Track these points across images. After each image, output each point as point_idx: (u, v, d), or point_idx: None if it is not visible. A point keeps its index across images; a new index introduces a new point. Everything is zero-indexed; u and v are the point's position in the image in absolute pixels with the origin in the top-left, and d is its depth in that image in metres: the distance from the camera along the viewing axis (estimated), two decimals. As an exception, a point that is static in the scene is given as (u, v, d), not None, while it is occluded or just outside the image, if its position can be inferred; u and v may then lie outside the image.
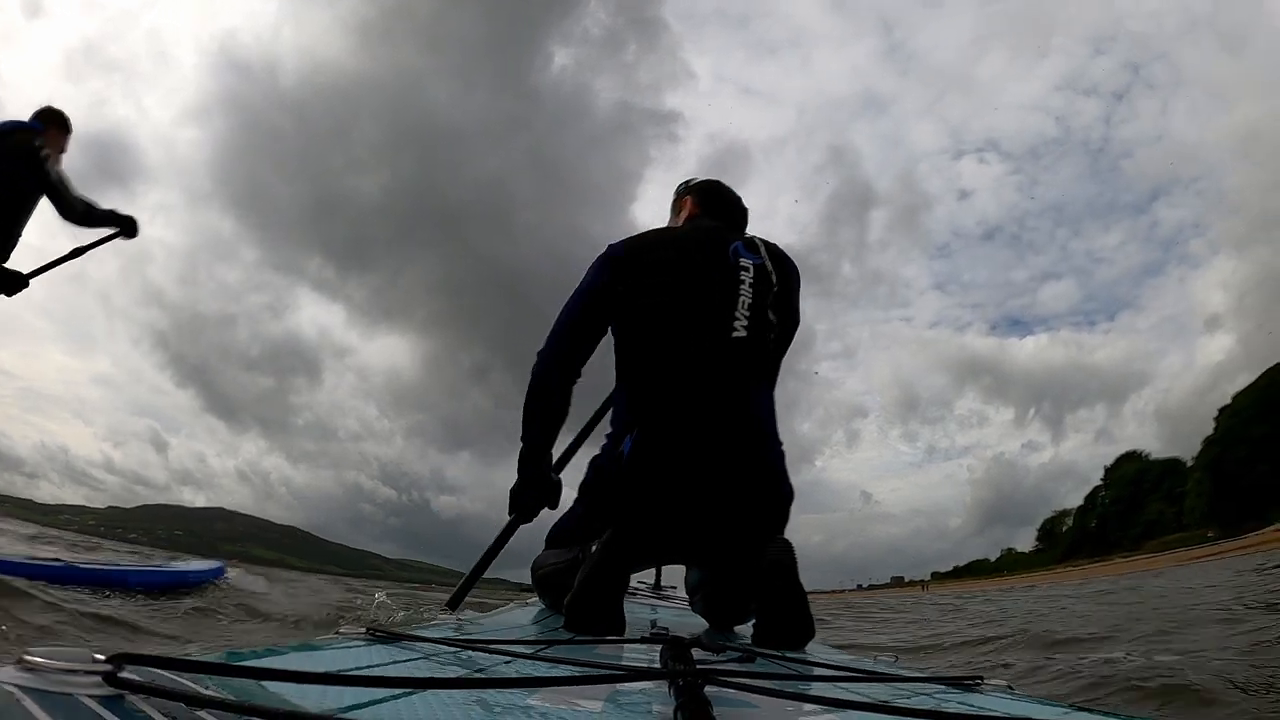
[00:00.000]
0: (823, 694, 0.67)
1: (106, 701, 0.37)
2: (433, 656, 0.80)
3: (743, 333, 1.40)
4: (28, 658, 0.38)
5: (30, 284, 3.35)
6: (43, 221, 3.37)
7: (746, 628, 1.43)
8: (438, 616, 1.39)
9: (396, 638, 0.86)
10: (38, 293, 3.43)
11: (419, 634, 0.89)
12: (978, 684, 0.88)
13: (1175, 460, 54.53)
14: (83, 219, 3.40)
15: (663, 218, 1.82)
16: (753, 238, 1.56)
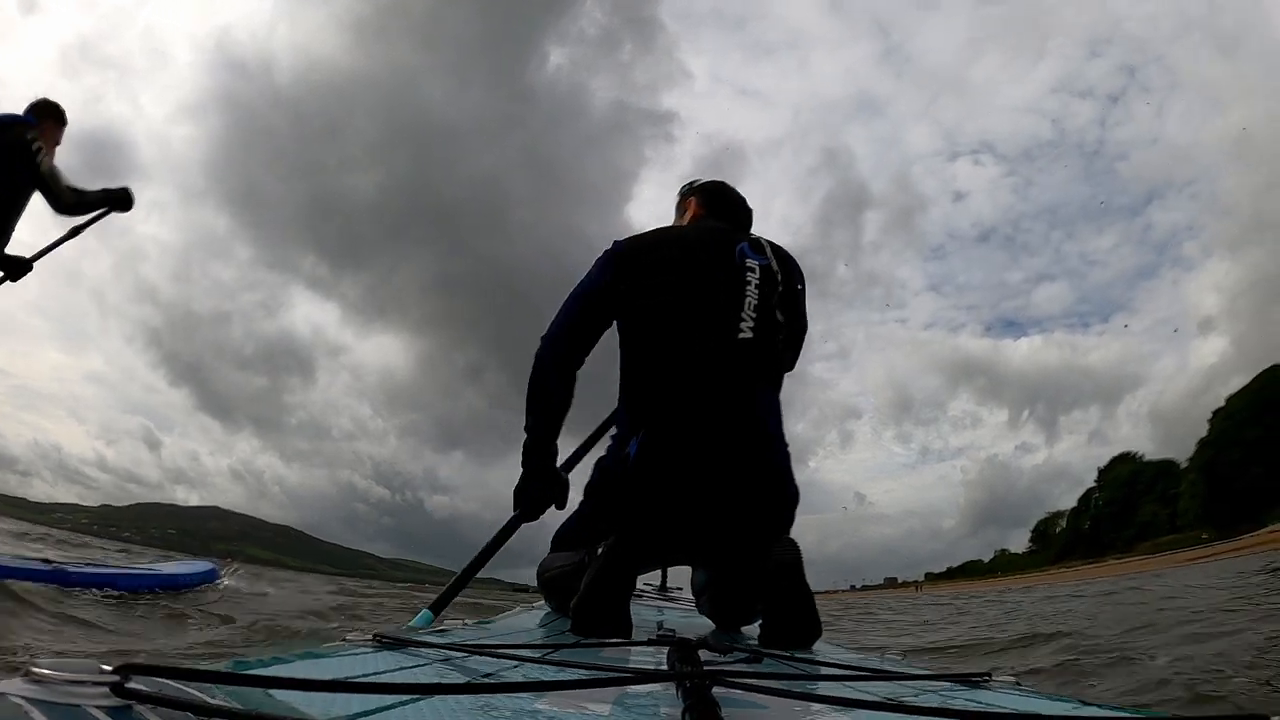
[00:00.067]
0: (831, 693, 0.67)
1: (114, 712, 0.37)
2: (439, 662, 0.79)
3: (749, 334, 1.40)
4: (34, 669, 0.38)
5: (34, 267, 3.37)
6: (34, 215, 3.37)
7: (753, 629, 1.43)
8: (444, 622, 1.38)
9: (403, 644, 0.86)
10: (31, 290, 3.42)
11: (426, 640, 0.89)
12: (986, 680, 0.88)
13: (1169, 462, 54.66)
14: (75, 209, 3.41)
15: (658, 218, 1.80)
16: (758, 238, 1.55)
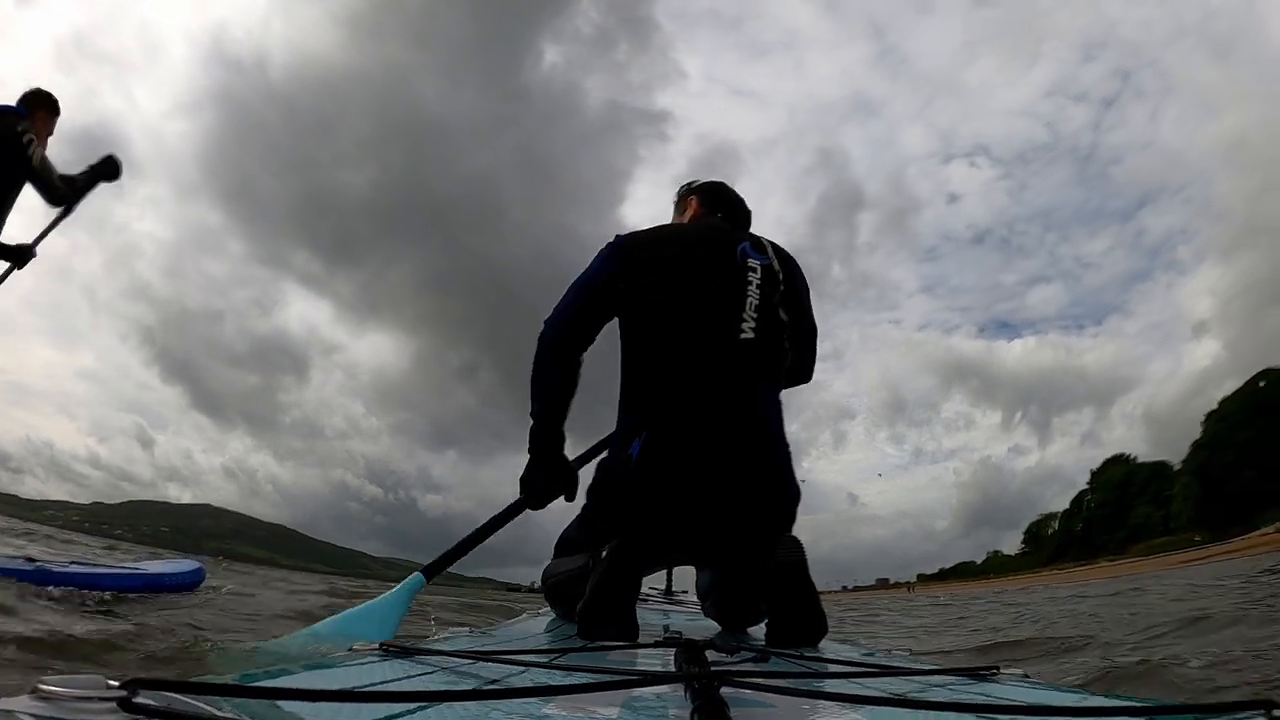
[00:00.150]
0: (838, 690, 0.67)
1: None
2: (447, 670, 0.79)
3: (750, 334, 1.38)
4: (41, 686, 0.38)
5: (37, 253, 3.36)
6: (22, 208, 3.35)
7: (760, 629, 1.43)
8: (449, 630, 1.38)
9: (410, 652, 0.85)
10: (23, 285, 3.39)
11: (432, 647, 0.89)
12: (994, 674, 0.88)
13: (1163, 464, 54.84)
14: (68, 199, 3.40)
15: (651, 217, 1.80)
16: (760, 238, 1.55)
